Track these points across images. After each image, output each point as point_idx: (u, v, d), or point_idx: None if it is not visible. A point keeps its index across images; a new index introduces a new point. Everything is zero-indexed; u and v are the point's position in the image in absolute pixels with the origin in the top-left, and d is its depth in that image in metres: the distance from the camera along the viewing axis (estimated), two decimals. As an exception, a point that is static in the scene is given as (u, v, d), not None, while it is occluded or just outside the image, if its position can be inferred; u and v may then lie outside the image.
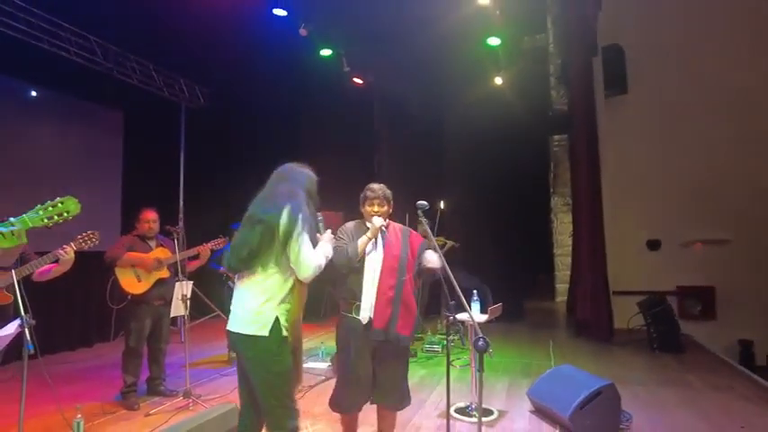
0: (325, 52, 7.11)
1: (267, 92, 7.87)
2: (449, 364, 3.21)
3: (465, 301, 2.47)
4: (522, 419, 3.77)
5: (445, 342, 6.15)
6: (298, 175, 2.37)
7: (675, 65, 8.41)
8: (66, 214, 1.95)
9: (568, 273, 9.55)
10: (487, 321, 3.86)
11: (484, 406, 3.98)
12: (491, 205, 8.63)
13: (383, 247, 2.79)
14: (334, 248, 2.53)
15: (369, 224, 2.83)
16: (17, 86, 5.74)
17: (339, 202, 8.18)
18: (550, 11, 10.11)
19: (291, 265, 2.17)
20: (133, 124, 7.07)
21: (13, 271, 2.78)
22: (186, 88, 7.70)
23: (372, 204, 2.86)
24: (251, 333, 2.13)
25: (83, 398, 4.27)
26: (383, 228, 2.81)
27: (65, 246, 2.96)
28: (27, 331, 2.65)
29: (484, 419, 3.75)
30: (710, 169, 8.13)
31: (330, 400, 2.83)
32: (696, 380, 4.85)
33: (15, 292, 2.73)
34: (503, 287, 7.71)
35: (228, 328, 2.25)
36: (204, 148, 8.08)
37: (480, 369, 2.19)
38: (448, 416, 3.15)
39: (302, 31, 6.19)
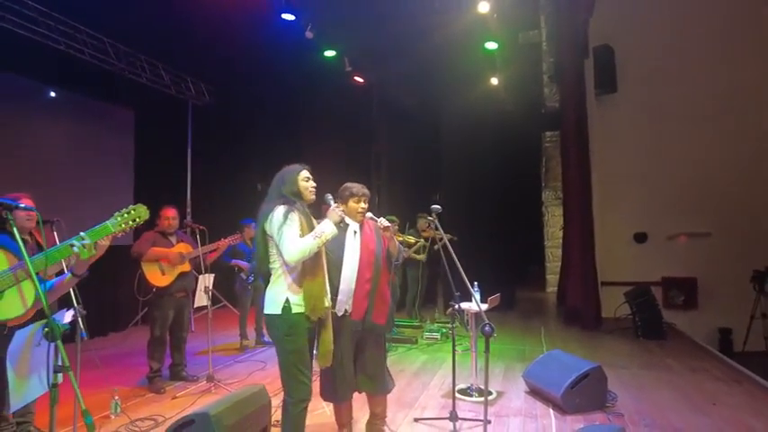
0: (329, 53, 7.37)
1: (271, 90, 8.13)
2: (454, 347, 3.58)
3: (473, 293, 2.79)
4: (518, 399, 4.15)
5: (444, 330, 6.57)
6: (277, 182, 2.72)
7: (663, 65, 8.78)
8: (138, 219, 2.23)
9: (559, 264, 9.92)
10: (486, 311, 4.21)
11: (483, 387, 4.35)
12: (485, 199, 8.94)
13: (360, 242, 3.02)
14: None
15: (346, 219, 2.99)
16: (35, 87, 5.95)
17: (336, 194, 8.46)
18: (543, 10, 10.40)
19: None
20: (144, 122, 7.31)
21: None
22: (193, 86, 7.95)
23: (359, 201, 3.01)
24: (268, 313, 2.59)
25: (109, 383, 4.57)
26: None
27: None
28: (80, 320, 2.98)
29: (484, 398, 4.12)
30: (694, 165, 8.53)
31: (321, 391, 3.05)
32: (675, 363, 5.27)
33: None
34: (496, 278, 8.09)
35: None
36: (210, 145, 8.34)
37: (487, 350, 2.54)
38: (454, 392, 3.52)
39: (308, 34, 6.44)
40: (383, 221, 2.99)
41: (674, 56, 8.71)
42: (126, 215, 2.17)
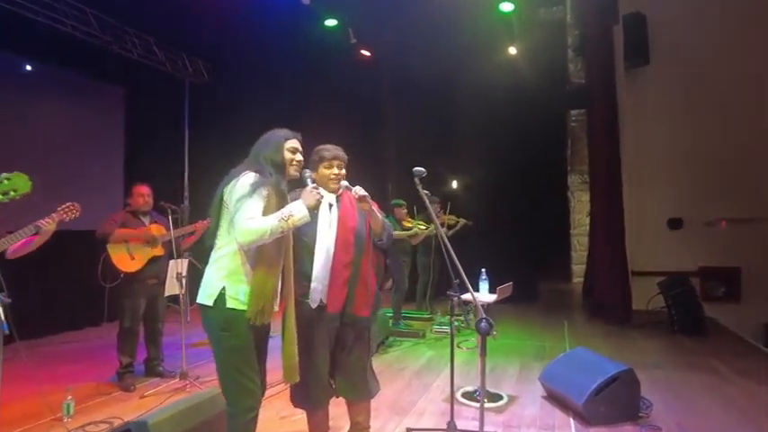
0: (330, 22, 6.80)
1: (272, 66, 7.62)
2: (453, 346, 3.02)
3: (467, 281, 2.22)
4: (532, 405, 3.56)
5: (456, 322, 6.00)
6: (259, 147, 2.23)
7: (701, 34, 7.90)
8: (12, 193, 1.75)
9: (585, 253, 9.26)
10: (497, 302, 3.63)
11: (493, 390, 3.78)
12: (505, 183, 8.33)
13: (337, 219, 2.48)
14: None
15: (322, 191, 2.42)
16: (13, 61, 5.57)
17: (346, 178, 7.93)
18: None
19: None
20: (135, 100, 6.90)
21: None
22: (189, 63, 7.51)
23: (331, 166, 2.47)
24: (199, 302, 2.09)
25: (80, 378, 4.18)
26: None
27: (46, 218, 2.81)
28: (2, 311, 2.52)
29: (493, 405, 3.55)
30: (736, 144, 7.68)
31: (292, 395, 2.57)
32: (721, 364, 4.57)
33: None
34: (516, 267, 7.50)
35: None
36: (208, 125, 7.90)
37: (482, 353, 1.97)
38: (452, 401, 2.97)
39: (305, 0, 5.90)
40: (359, 190, 2.42)
41: (714, 24, 7.82)
42: None
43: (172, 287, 3.90)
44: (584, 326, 6.44)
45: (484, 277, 3.71)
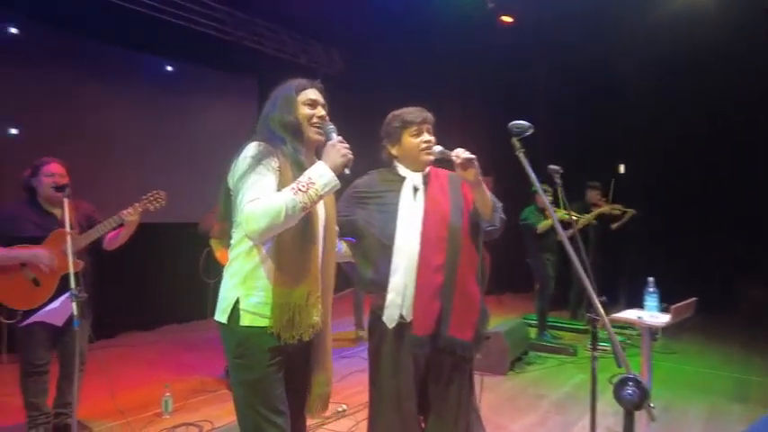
0: (462, -15, 6.02)
1: (404, 47, 7.11)
2: (594, 386, 2.13)
3: (598, 302, 1.38)
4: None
5: (622, 337, 4.81)
6: (267, 109, 1.74)
7: None
8: None
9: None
10: (671, 324, 2.56)
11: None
12: (687, 159, 6.67)
13: (423, 207, 1.89)
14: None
15: (402, 169, 1.98)
16: (153, 62, 5.92)
17: (489, 165, 7.08)
18: None
19: None
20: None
21: (68, 237, 2.56)
22: (323, 53, 7.43)
23: (420, 132, 1.94)
24: (216, 319, 1.60)
25: (195, 370, 4.15)
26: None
27: (129, 208, 2.80)
28: (75, 307, 2.44)
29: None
30: None
31: None
32: None
33: (69, 261, 2.52)
34: (704, 265, 5.94)
35: None
36: (344, 115, 7.72)
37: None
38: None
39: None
40: (461, 152, 1.77)
41: None
42: None
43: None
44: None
45: (651, 289, 2.65)
